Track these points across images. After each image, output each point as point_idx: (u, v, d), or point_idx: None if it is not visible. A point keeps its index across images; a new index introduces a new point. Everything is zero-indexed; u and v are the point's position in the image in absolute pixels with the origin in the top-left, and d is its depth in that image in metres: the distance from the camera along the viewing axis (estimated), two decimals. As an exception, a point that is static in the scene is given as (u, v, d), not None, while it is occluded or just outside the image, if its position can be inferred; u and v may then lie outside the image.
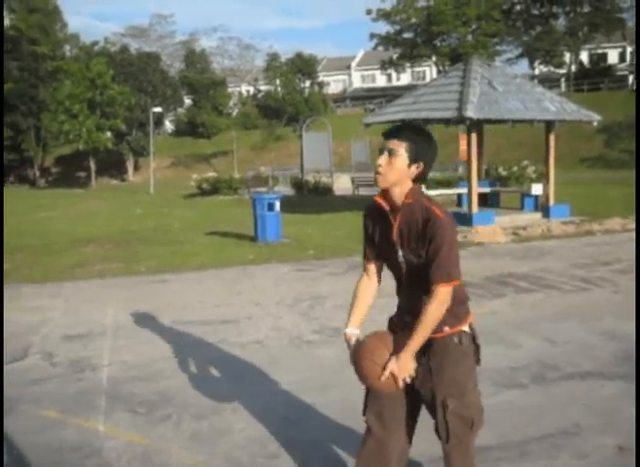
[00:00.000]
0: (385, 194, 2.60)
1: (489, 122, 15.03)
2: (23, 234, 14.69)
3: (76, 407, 4.44)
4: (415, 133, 2.56)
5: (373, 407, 2.75)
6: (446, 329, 2.61)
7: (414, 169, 2.55)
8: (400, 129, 2.57)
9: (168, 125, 64.09)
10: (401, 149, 2.51)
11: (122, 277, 9.28)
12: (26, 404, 4.50)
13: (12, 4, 51.56)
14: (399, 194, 2.56)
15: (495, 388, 4.48)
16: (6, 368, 5.29)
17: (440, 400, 2.62)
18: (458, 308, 2.64)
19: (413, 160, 2.53)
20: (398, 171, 2.52)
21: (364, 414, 2.80)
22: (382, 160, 2.53)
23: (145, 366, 5.26)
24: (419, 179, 2.58)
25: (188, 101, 58.99)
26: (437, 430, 2.69)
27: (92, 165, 47.10)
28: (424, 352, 2.63)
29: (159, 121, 54.72)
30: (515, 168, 22.83)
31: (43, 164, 52.94)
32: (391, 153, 2.52)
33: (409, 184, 2.57)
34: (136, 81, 49.15)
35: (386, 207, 2.60)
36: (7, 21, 51.41)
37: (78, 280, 9.14)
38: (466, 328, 2.66)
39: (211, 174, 29.92)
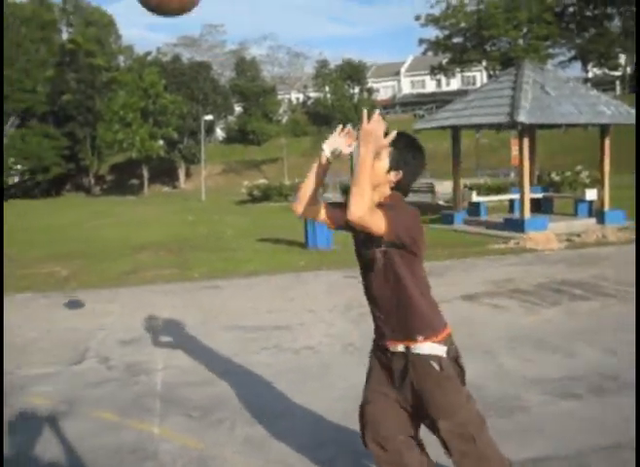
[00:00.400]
0: None
1: (542, 126, 14.80)
2: (81, 241, 15.11)
3: (132, 410, 4.53)
4: (404, 142, 2.59)
5: (367, 433, 2.77)
6: (420, 338, 2.57)
7: (393, 177, 2.58)
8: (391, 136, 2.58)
9: (219, 133, 65.00)
10: (384, 153, 2.54)
11: (175, 283, 9.43)
12: (84, 406, 4.61)
13: (70, 19, 53.31)
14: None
15: (551, 398, 4.40)
16: (64, 371, 5.45)
17: (431, 421, 2.65)
18: (432, 316, 2.62)
19: (394, 167, 2.57)
20: (376, 174, 2.54)
21: (363, 442, 2.81)
22: None
23: (199, 370, 5.33)
24: (398, 188, 2.61)
25: (238, 109, 59.71)
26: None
27: (145, 173, 48.07)
28: (406, 373, 2.62)
29: (210, 128, 55.50)
30: (568, 174, 22.36)
31: (98, 173, 54.30)
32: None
33: (387, 191, 2.61)
34: (188, 90, 50.01)
35: None
36: (65, 35, 53.18)
37: (132, 286, 9.33)
38: (443, 353, 2.58)
39: (262, 181, 30.24)
